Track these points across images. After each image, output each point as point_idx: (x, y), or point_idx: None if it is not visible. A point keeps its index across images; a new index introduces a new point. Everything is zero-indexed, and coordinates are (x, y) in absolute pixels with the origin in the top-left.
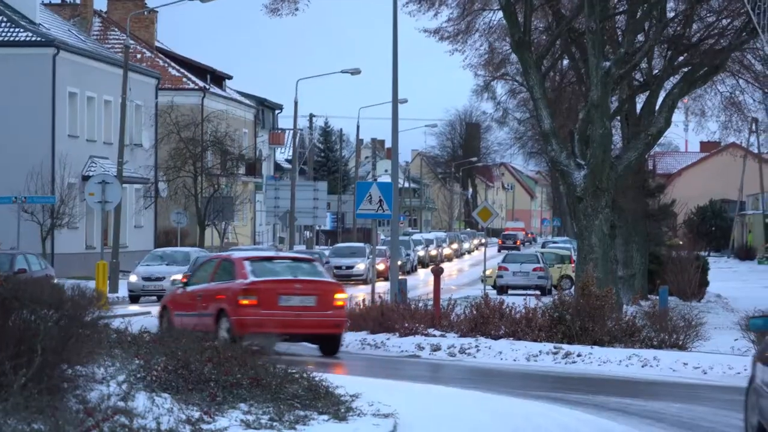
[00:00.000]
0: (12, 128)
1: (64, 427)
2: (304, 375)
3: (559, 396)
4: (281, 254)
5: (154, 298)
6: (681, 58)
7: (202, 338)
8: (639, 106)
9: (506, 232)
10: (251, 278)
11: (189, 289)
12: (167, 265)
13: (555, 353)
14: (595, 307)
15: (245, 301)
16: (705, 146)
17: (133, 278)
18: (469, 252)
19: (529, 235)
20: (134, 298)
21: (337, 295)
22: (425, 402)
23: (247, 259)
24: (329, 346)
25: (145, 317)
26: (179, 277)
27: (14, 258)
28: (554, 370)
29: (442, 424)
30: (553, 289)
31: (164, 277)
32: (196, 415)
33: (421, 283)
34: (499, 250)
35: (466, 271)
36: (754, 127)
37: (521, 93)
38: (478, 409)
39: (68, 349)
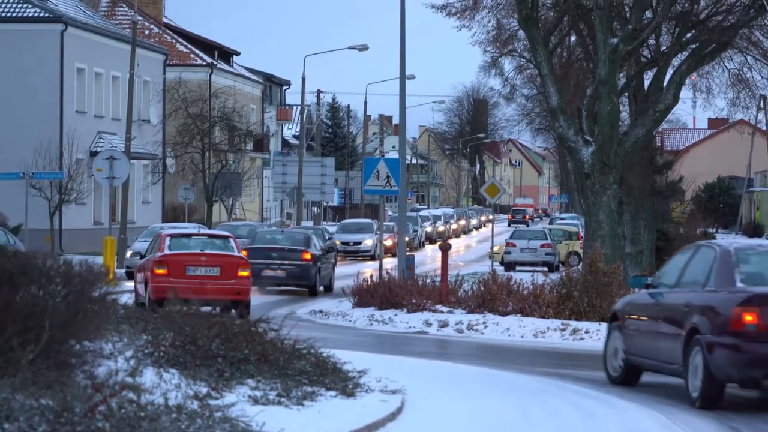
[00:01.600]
0: (20, 104)
1: (72, 403)
2: (312, 351)
3: (567, 373)
4: (202, 232)
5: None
6: (689, 34)
7: (210, 314)
8: (647, 83)
9: (515, 208)
10: (165, 251)
11: (141, 261)
12: None
13: (563, 330)
14: (603, 283)
15: (159, 271)
16: (713, 123)
17: (129, 254)
18: (477, 228)
19: (539, 211)
20: (131, 275)
21: (240, 268)
22: (433, 378)
23: (168, 235)
24: (239, 310)
25: None
26: None
27: None
28: (562, 346)
29: (450, 401)
30: (560, 265)
31: None
32: (204, 390)
33: (428, 259)
34: (509, 225)
35: (473, 247)
36: (762, 104)
37: (529, 69)
38: (485, 385)
39: (76, 324)
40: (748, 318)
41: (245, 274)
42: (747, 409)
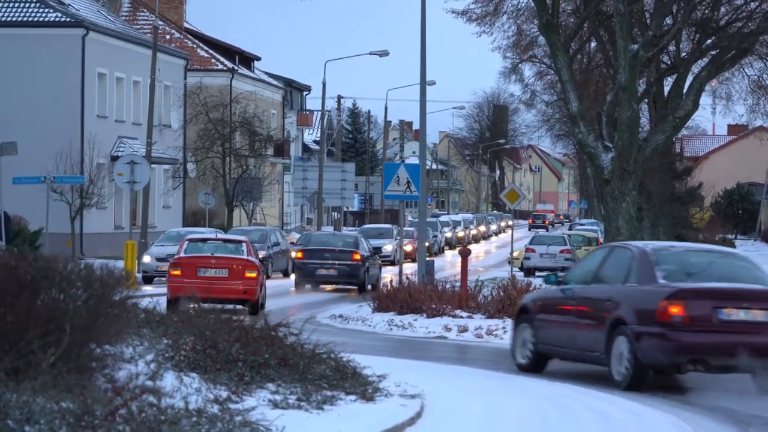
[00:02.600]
0: (41, 109)
1: (92, 406)
2: (332, 355)
3: (581, 377)
4: (218, 236)
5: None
6: (709, 41)
7: (230, 319)
8: (667, 89)
9: (536, 213)
10: (180, 254)
11: None
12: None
13: None
14: None
15: (174, 272)
16: (732, 129)
17: (146, 259)
18: (497, 234)
19: (560, 216)
20: (148, 279)
21: (248, 270)
22: (452, 383)
23: (187, 239)
24: (250, 308)
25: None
26: None
27: None
28: None
29: (469, 405)
30: None
31: None
32: (224, 394)
33: (448, 264)
34: (529, 229)
35: (493, 252)
36: None
37: (549, 75)
38: (504, 390)
39: (97, 328)
40: (674, 310)
41: (252, 275)
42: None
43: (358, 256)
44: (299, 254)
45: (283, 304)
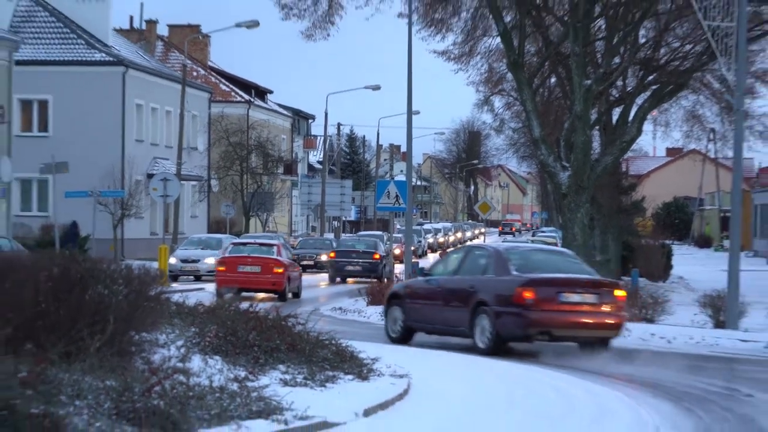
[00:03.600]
0: (89, 134)
1: (131, 384)
2: (333, 342)
3: (546, 360)
4: (257, 240)
5: (192, 277)
6: (651, 77)
7: (248, 310)
8: (615, 118)
9: (505, 222)
10: (225, 255)
11: None
12: (202, 249)
13: None
14: None
15: (220, 268)
16: (670, 152)
17: (172, 260)
18: (471, 239)
19: (527, 225)
20: (173, 278)
21: (276, 267)
22: (434, 365)
23: (232, 243)
24: (278, 296)
25: (199, 292)
26: (212, 260)
27: None
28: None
29: (448, 384)
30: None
31: (199, 260)
32: (242, 374)
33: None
34: (499, 235)
35: None
36: (711, 136)
37: (515, 106)
38: (478, 371)
39: (135, 318)
40: (527, 294)
41: (280, 271)
42: (708, 394)
43: (377, 256)
44: (332, 255)
45: (316, 294)
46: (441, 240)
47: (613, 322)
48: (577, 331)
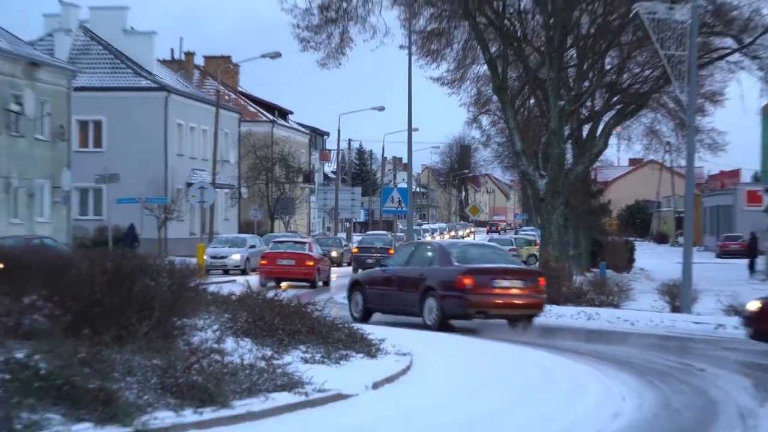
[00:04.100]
0: (136, 149)
1: (174, 362)
2: (346, 325)
3: (529, 340)
4: (293, 239)
5: (220, 271)
6: (615, 98)
7: (273, 299)
8: (585, 133)
9: (492, 222)
10: (267, 250)
11: None
12: (229, 247)
13: None
14: (553, 276)
15: (263, 261)
16: (632, 162)
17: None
18: (462, 237)
19: (512, 225)
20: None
21: (307, 260)
22: (433, 345)
23: (272, 241)
24: (309, 285)
25: (231, 284)
26: (238, 256)
27: (30, 243)
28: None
29: (446, 361)
30: (523, 264)
31: (226, 256)
32: (269, 353)
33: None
34: (487, 233)
35: None
36: (667, 148)
37: (500, 123)
38: (472, 350)
39: (177, 306)
40: (467, 281)
41: (310, 264)
42: (672, 371)
43: (392, 251)
44: (356, 250)
45: (344, 282)
46: (437, 238)
47: (536, 302)
48: (508, 310)
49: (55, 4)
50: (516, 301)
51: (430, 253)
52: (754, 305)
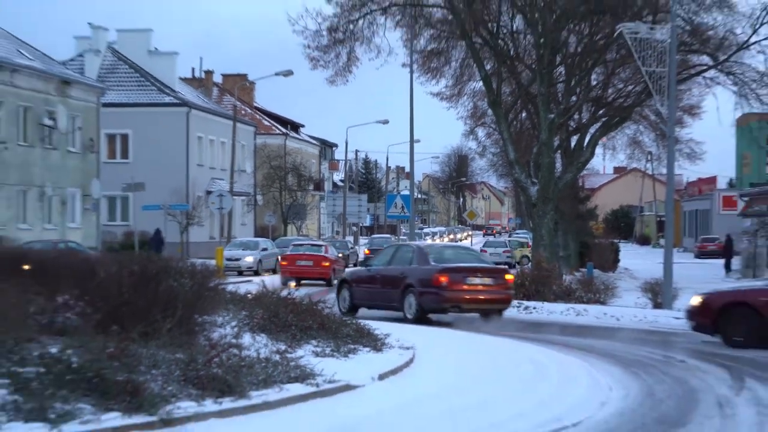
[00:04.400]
0: (160, 160)
1: (196, 356)
2: (353, 322)
3: (522, 335)
4: (313, 242)
5: (235, 272)
6: (601, 111)
7: (286, 297)
8: (573, 144)
9: (488, 226)
10: (287, 252)
11: None
12: (243, 249)
13: (518, 306)
14: (545, 276)
15: (284, 263)
16: (617, 170)
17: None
18: (460, 240)
19: (506, 228)
20: None
21: (324, 261)
22: (434, 339)
23: (292, 244)
24: (326, 283)
25: (247, 284)
26: (251, 258)
27: (56, 246)
28: (518, 317)
29: (446, 354)
30: (516, 264)
31: (240, 258)
32: (283, 347)
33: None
34: (483, 236)
35: None
36: (649, 158)
37: (494, 135)
38: (469, 344)
39: (199, 305)
40: (443, 279)
41: (327, 264)
42: (657, 363)
43: (368, 251)
44: (367, 251)
45: None
46: (438, 240)
47: (504, 297)
48: (479, 305)
49: (85, 27)
50: (486, 297)
51: (409, 254)
52: (695, 300)
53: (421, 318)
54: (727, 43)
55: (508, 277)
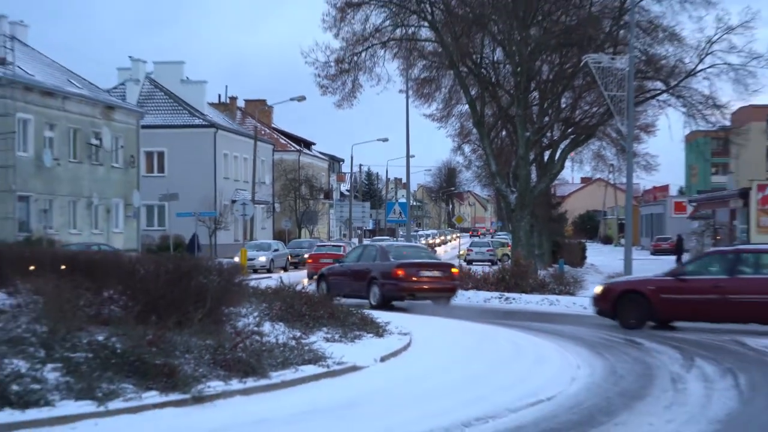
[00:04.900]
0: (192, 175)
1: (223, 342)
2: (359, 312)
3: (503, 322)
4: (334, 243)
5: (250, 270)
6: (569, 130)
7: (301, 291)
8: (546, 158)
9: (474, 228)
10: (313, 252)
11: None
12: (257, 251)
13: (500, 298)
14: (522, 271)
15: (309, 260)
16: (583, 180)
17: (235, 258)
18: (450, 241)
19: (490, 231)
20: None
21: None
22: (429, 326)
23: (316, 245)
24: None
25: (267, 280)
26: (264, 258)
27: (90, 248)
28: (500, 307)
29: (439, 338)
30: (498, 261)
31: (254, 258)
32: (298, 334)
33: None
34: (470, 237)
35: (448, 251)
36: (611, 169)
37: (479, 150)
38: (461, 330)
39: (225, 298)
40: (400, 272)
41: None
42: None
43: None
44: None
45: None
46: (430, 241)
47: (451, 287)
48: (430, 293)
49: (126, 60)
50: (436, 287)
51: (374, 252)
52: (598, 289)
53: (384, 304)
54: (677, 70)
55: (454, 270)
